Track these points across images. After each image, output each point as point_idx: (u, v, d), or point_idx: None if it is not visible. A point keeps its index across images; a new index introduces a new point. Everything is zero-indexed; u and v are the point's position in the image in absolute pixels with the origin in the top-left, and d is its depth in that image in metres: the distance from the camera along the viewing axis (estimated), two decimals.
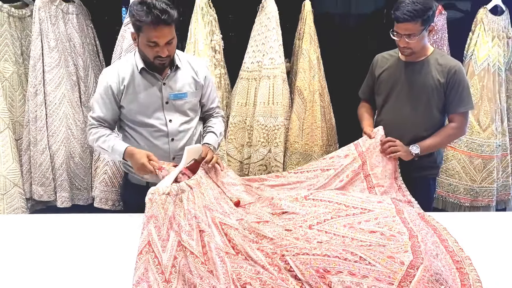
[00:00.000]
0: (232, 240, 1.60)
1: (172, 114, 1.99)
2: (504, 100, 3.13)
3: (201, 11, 2.73)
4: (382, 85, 2.30)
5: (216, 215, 1.70)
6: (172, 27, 1.80)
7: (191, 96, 2.02)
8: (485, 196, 3.02)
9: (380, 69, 2.31)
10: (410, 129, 2.20)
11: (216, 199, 1.80)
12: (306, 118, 2.85)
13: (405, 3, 2.01)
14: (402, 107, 2.22)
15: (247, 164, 2.90)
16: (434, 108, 2.18)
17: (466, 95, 2.16)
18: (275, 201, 1.90)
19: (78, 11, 2.81)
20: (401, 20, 2.02)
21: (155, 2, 1.76)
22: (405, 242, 1.61)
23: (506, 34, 3.10)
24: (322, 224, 1.75)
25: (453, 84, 2.13)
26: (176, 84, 1.98)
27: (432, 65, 2.16)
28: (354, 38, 3.48)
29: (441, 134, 2.18)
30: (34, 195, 2.80)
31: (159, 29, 1.76)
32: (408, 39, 2.06)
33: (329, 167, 2.14)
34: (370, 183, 2.10)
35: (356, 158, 2.15)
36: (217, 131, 2.09)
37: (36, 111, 2.69)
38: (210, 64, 2.76)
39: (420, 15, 2.00)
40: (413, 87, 2.19)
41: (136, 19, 1.77)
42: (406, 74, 2.21)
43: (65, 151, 2.78)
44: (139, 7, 1.76)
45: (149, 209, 1.60)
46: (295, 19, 2.98)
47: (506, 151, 3.15)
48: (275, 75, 2.78)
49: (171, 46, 1.85)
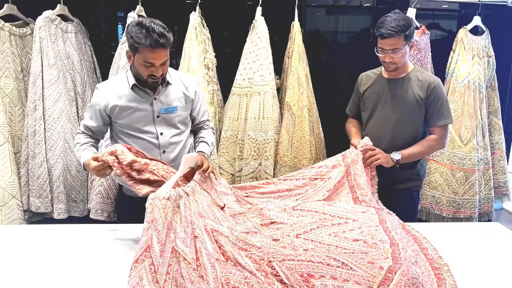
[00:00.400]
0: (222, 247, 1.66)
1: (163, 127, 2.06)
2: (486, 116, 3.22)
3: (195, 30, 2.83)
4: (367, 101, 2.40)
5: (208, 222, 1.76)
6: (168, 49, 1.89)
7: (181, 110, 2.09)
8: (467, 208, 3.10)
9: (364, 86, 2.42)
10: (394, 142, 2.29)
11: (209, 206, 1.85)
12: (295, 132, 2.92)
13: (387, 21, 2.14)
14: (386, 121, 2.32)
15: (238, 176, 2.96)
16: (416, 121, 2.28)
17: (445, 109, 2.25)
18: (264, 211, 1.97)
19: (76, 29, 2.90)
20: (386, 35, 2.12)
21: (154, 25, 1.82)
22: (386, 250, 1.68)
23: (487, 53, 3.21)
24: (309, 233, 1.81)
25: (433, 99, 2.24)
26: (167, 98, 2.05)
27: (412, 81, 2.27)
28: (342, 55, 3.58)
29: (422, 144, 2.27)
30: (31, 206, 2.85)
31: (156, 52, 1.84)
32: (393, 54, 2.16)
33: (317, 176, 2.20)
34: (355, 194, 2.16)
35: (342, 169, 2.22)
36: (208, 141, 2.17)
37: (35, 126, 2.76)
38: (203, 81, 2.84)
39: (403, 30, 2.12)
40: (395, 102, 2.29)
41: (134, 40, 1.83)
42: (389, 90, 2.31)
43: (62, 164, 2.84)
44: (137, 29, 1.82)
45: (150, 213, 1.64)
46: (285, 38, 3.08)
47: (488, 165, 3.24)
48: (265, 91, 2.87)
49: (165, 66, 1.93)
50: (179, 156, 2.10)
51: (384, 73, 2.35)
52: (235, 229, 1.80)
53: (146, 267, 1.54)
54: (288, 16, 3.04)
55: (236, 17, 3.43)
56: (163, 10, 3.21)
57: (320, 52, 3.56)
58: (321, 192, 2.16)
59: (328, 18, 3.60)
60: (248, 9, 3.09)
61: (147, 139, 2.05)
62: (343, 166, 2.23)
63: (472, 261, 1.81)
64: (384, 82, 2.34)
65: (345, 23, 3.59)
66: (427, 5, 3.43)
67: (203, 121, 2.26)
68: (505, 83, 3.50)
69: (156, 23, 1.85)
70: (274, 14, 3.13)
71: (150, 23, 1.83)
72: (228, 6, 3.37)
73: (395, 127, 2.30)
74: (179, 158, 2.09)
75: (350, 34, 3.61)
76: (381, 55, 2.21)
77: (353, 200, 2.15)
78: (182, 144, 2.14)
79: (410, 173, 2.34)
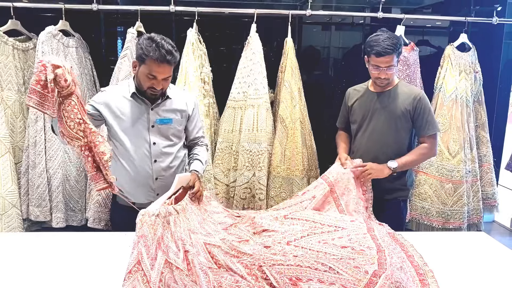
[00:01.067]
0: (215, 257, 1.72)
1: (156, 137, 2.11)
2: (473, 129, 3.30)
3: (192, 46, 2.90)
4: (355, 114, 2.49)
5: (200, 236, 1.82)
6: (172, 67, 1.99)
7: (176, 123, 2.16)
8: (456, 218, 3.15)
9: (352, 100, 2.51)
10: (382, 152, 2.38)
11: (199, 223, 1.92)
12: (288, 144, 2.97)
13: (381, 40, 2.23)
14: (374, 132, 2.41)
15: (232, 187, 2.99)
16: (402, 132, 2.38)
17: (431, 119, 2.36)
18: (257, 219, 2.04)
19: (77, 44, 2.98)
20: (383, 53, 2.22)
21: (164, 42, 1.93)
22: (373, 256, 1.74)
23: (473, 69, 3.30)
24: (299, 240, 1.87)
25: (420, 110, 2.33)
26: (164, 111, 2.12)
27: (398, 93, 2.37)
28: (335, 70, 3.67)
29: (415, 153, 2.36)
30: (30, 215, 2.90)
31: (162, 66, 1.94)
32: (388, 71, 2.27)
33: (303, 201, 2.26)
34: (343, 213, 2.23)
35: (325, 187, 2.29)
36: (202, 159, 2.23)
37: (36, 137, 2.82)
38: (199, 94, 2.90)
39: (397, 48, 2.25)
40: (383, 114, 2.38)
41: (143, 52, 1.93)
42: (376, 103, 2.41)
43: (61, 174, 2.90)
44: (148, 42, 1.93)
45: (140, 229, 1.67)
46: (279, 52, 3.16)
47: (476, 177, 3.31)
48: (259, 104, 2.93)
49: (166, 82, 2.02)
50: (170, 166, 2.18)
51: (371, 87, 2.45)
52: (227, 239, 1.87)
53: (138, 278, 1.58)
54: (281, 32, 3.13)
55: (232, 34, 3.53)
56: (161, 26, 3.28)
57: (313, 67, 3.64)
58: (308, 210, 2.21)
59: (320, 34, 3.69)
60: (243, 26, 3.18)
61: (140, 147, 2.10)
62: (325, 184, 2.30)
63: (456, 269, 1.85)
64: (371, 95, 2.44)
65: (337, 39, 3.67)
66: (416, 23, 3.53)
67: (198, 138, 2.32)
68: (492, 98, 3.58)
69: (166, 41, 1.96)
70: (268, 31, 3.24)
71: (161, 39, 1.95)
72: (224, 22, 3.47)
73: (382, 138, 2.39)
74: (170, 168, 2.18)
75: (342, 50, 3.69)
76: (375, 72, 2.30)
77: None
78: (174, 155, 2.19)
79: (398, 184, 2.42)
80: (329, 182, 2.30)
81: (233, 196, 2.99)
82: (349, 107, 2.53)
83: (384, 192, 2.38)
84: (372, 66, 2.31)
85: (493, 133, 3.57)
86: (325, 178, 2.34)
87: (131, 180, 2.12)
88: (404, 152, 2.39)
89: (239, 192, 2.96)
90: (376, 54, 2.25)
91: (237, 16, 3.33)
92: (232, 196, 3.00)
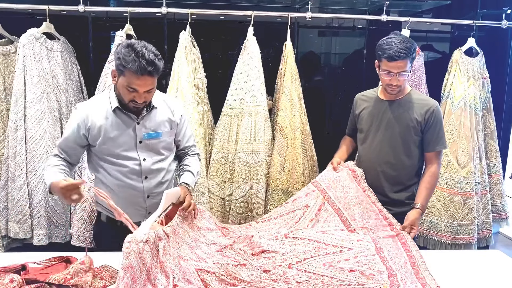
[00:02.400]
0: (209, 286, 1.57)
1: (146, 153, 1.95)
2: (482, 138, 3.20)
3: (185, 50, 2.79)
4: (362, 123, 2.35)
5: (192, 263, 1.67)
6: (155, 78, 1.80)
7: (166, 136, 1.99)
8: (466, 233, 3.04)
9: (360, 107, 2.37)
10: (388, 166, 2.24)
11: (191, 248, 1.76)
12: (287, 155, 2.87)
13: (394, 43, 2.07)
14: (380, 143, 2.26)
15: (228, 200, 2.88)
16: (412, 145, 2.22)
17: (442, 134, 2.21)
18: (255, 239, 1.90)
19: (63, 48, 2.84)
20: (396, 58, 2.06)
21: (145, 51, 1.73)
22: (384, 281, 1.64)
23: (481, 75, 3.20)
24: (302, 263, 1.75)
25: (431, 123, 2.18)
26: (151, 123, 1.95)
27: (410, 103, 2.22)
28: (335, 77, 3.58)
29: (429, 181, 2.18)
30: (10, 232, 2.73)
31: (142, 79, 1.75)
32: (400, 77, 2.11)
33: (295, 209, 2.16)
34: (343, 216, 2.12)
35: (317, 194, 2.19)
36: (194, 170, 2.06)
37: (16, 147, 2.67)
38: (193, 101, 2.79)
39: (411, 53, 2.08)
40: (391, 124, 2.24)
41: (121, 62, 1.74)
42: (385, 112, 2.25)
43: (44, 188, 2.73)
44: (127, 51, 1.73)
45: (126, 259, 1.49)
46: (277, 57, 3.05)
47: (486, 189, 3.20)
48: (257, 112, 2.82)
49: (149, 94, 1.83)
50: (162, 182, 2.02)
51: (381, 94, 2.31)
52: (222, 263, 1.71)
53: None
54: (280, 36, 3.02)
55: (227, 38, 3.43)
56: (152, 30, 3.18)
57: (313, 73, 3.55)
58: (304, 223, 2.10)
59: (320, 39, 3.61)
60: (239, 29, 3.07)
61: (129, 165, 1.93)
62: (317, 191, 2.20)
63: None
64: (380, 103, 2.29)
65: (338, 44, 3.59)
66: (419, 27, 3.44)
67: (188, 147, 2.16)
68: (500, 105, 3.49)
69: (148, 49, 1.75)
70: (266, 35, 3.13)
71: (142, 47, 1.74)
72: (219, 26, 3.38)
73: (390, 151, 2.24)
74: (162, 184, 2.02)
75: (343, 56, 3.62)
76: (386, 78, 2.14)
77: (342, 222, 2.10)
78: (165, 170, 2.03)
79: (405, 197, 2.26)
80: (321, 189, 2.20)
81: (229, 211, 2.87)
82: (356, 115, 2.39)
83: (391, 204, 2.23)
84: (383, 72, 2.14)
85: (501, 142, 3.47)
86: (316, 185, 2.23)
87: (120, 200, 1.91)
88: (412, 169, 2.25)
89: (235, 206, 2.84)
90: (388, 58, 2.08)
91: (233, 20, 3.24)
92: (228, 211, 2.88)
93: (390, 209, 2.19)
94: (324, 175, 2.28)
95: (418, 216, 2.11)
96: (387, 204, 2.20)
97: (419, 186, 2.21)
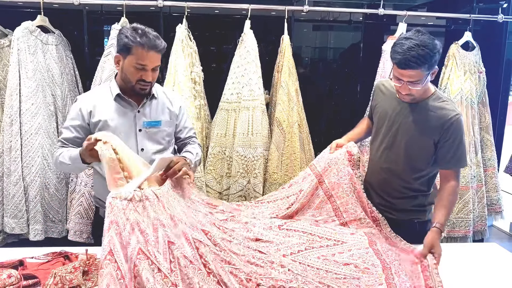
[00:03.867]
0: (204, 257, 1.50)
1: (145, 143, 1.96)
2: (478, 132, 3.20)
3: (181, 43, 2.76)
4: (376, 117, 2.11)
5: (185, 227, 1.58)
6: (160, 56, 1.87)
7: (166, 125, 2.01)
8: (462, 226, 3.06)
9: (376, 100, 2.13)
10: (393, 174, 2.02)
11: (183, 212, 1.67)
12: (285, 149, 2.86)
13: (406, 47, 1.73)
14: (387, 148, 2.03)
15: (226, 195, 2.87)
16: (419, 158, 1.95)
17: (462, 152, 1.89)
18: (249, 226, 1.83)
19: (57, 41, 2.80)
20: (404, 67, 1.75)
21: (148, 30, 1.85)
22: (379, 275, 1.63)
23: (478, 69, 3.20)
24: (296, 254, 1.73)
25: (448, 138, 1.87)
26: (151, 112, 1.98)
27: (427, 111, 1.90)
28: (332, 71, 3.56)
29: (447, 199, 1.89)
30: (5, 227, 2.70)
31: (150, 53, 1.82)
32: (411, 86, 1.80)
33: (289, 195, 2.08)
34: (335, 204, 2.01)
35: (312, 178, 2.07)
36: (193, 151, 2.04)
37: (11, 141, 2.63)
38: (190, 95, 2.76)
39: (427, 61, 1.72)
40: (402, 131, 1.97)
41: (128, 40, 1.80)
42: (398, 115, 1.98)
43: (40, 182, 2.70)
44: (132, 31, 1.82)
45: (109, 214, 1.45)
46: (274, 51, 3.03)
47: (481, 182, 3.21)
48: (254, 106, 2.81)
49: (155, 73, 1.89)
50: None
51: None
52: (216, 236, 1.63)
53: (112, 272, 1.36)
54: (277, 30, 2.99)
55: (224, 30, 3.39)
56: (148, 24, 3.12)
57: (310, 67, 3.54)
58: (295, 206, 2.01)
59: (317, 33, 3.59)
60: (235, 23, 3.04)
61: None
62: (312, 174, 2.07)
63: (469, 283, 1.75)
64: (397, 103, 2.00)
65: (334, 38, 3.57)
66: (414, 21, 3.40)
67: (189, 137, 2.15)
68: (495, 99, 3.49)
69: (150, 30, 1.88)
70: (263, 28, 3.10)
71: (145, 28, 1.86)
72: (216, 20, 3.34)
73: (395, 157, 2.00)
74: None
75: (339, 50, 3.59)
76: (396, 84, 1.86)
77: (334, 211, 2.00)
78: None
79: (411, 204, 2.03)
80: (316, 172, 2.06)
81: None
82: (373, 107, 2.14)
83: (397, 211, 2.05)
84: (393, 77, 1.85)
85: (496, 136, 3.47)
86: (312, 168, 2.10)
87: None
88: (418, 181, 2.00)
89: (233, 200, 2.83)
90: (397, 64, 1.78)
91: (229, 13, 3.20)
92: None
93: (392, 214, 2.02)
94: (320, 157, 2.13)
95: (437, 236, 1.82)
96: (388, 208, 2.04)
97: (436, 204, 1.92)
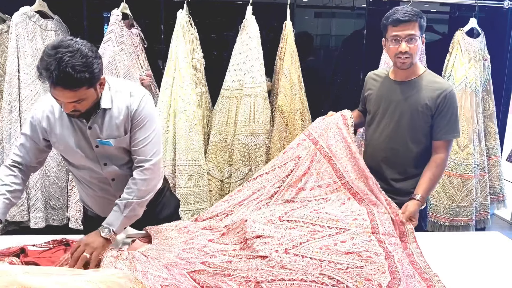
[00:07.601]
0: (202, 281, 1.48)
1: (106, 158, 1.72)
2: (482, 120, 3.18)
3: (182, 29, 2.73)
4: (370, 104, 2.19)
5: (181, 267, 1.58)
6: (79, 90, 1.45)
7: (119, 143, 1.68)
8: (464, 215, 3.05)
9: (369, 87, 2.22)
10: (393, 151, 2.09)
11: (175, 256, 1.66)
12: (287, 137, 2.84)
13: (399, 8, 1.96)
14: (388, 128, 2.10)
15: (227, 183, 2.86)
16: (419, 131, 2.05)
17: (454, 122, 2.02)
18: (249, 223, 1.83)
19: (57, 27, 2.77)
20: (402, 19, 1.91)
21: (67, 58, 1.39)
22: (382, 263, 1.61)
23: (482, 56, 3.17)
24: (298, 247, 1.70)
25: (442, 109, 1.99)
26: (103, 128, 1.65)
27: (421, 86, 2.03)
28: (334, 57, 3.52)
29: (433, 171, 2.00)
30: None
31: (58, 89, 1.44)
32: (409, 43, 1.93)
33: (286, 161, 2.06)
34: (335, 166, 2.02)
35: (308, 144, 2.09)
36: (122, 201, 1.65)
37: (11, 128, 2.63)
38: (191, 82, 2.74)
39: (419, 16, 1.94)
40: (402, 108, 2.07)
41: (38, 66, 1.44)
42: (395, 94, 2.09)
43: (40, 170, 2.67)
44: (48, 53, 1.41)
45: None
46: (276, 38, 3.00)
47: (484, 171, 3.20)
48: (256, 93, 2.78)
49: (80, 104, 1.51)
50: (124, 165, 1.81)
51: (392, 74, 2.14)
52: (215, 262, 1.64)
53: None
54: (278, 16, 2.96)
55: (225, 17, 3.36)
56: (148, 9, 3.10)
57: (312, 54, 3.49)
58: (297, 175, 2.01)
59: (319, 19, 3.54)
60: (237, 9, 3.02)
61: (92, 168, 1.74)
62: (308, 140, 2.10)
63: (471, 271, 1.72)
64: (390, 84, 2.11)
65: (337, 25, 3.53)
66: (418, 7, 3.33)
67: (140, 160, 1.69)
68: (499, 87, 3.46)
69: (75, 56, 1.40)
70: (265, 15, 3.06)
71: (64, 54, 1.39)
72: (217, 6, 3.30)
73: (397, 136, 2.08)
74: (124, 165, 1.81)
75: (341, 37, 3.55)
76: (394, 45, 1.97)
77: (335, 173, 2.01)
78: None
79: (410, 186, 2.06)
80: (312, 138, 2.09)
81: (228, 193, 2.80)
82: (365, 96, 2.25)
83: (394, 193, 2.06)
84: (390, 41, 1.97)
85: (499, 124, 3.45)
86: (307, 134, 2.13)
87: (95, 198, 1.86)
88: (419, 157, 2.06)
89: (234, 188, 2.76)
90: (393, 22, 1.93)
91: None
92: (227, 193, 2.83)
93: (393, 198, 2.02)
94: (315, 123, 2.16)
95: (417, 208, 1.95)
96: (390, 193, 2.04)
97: (422, 175, 2.02)
